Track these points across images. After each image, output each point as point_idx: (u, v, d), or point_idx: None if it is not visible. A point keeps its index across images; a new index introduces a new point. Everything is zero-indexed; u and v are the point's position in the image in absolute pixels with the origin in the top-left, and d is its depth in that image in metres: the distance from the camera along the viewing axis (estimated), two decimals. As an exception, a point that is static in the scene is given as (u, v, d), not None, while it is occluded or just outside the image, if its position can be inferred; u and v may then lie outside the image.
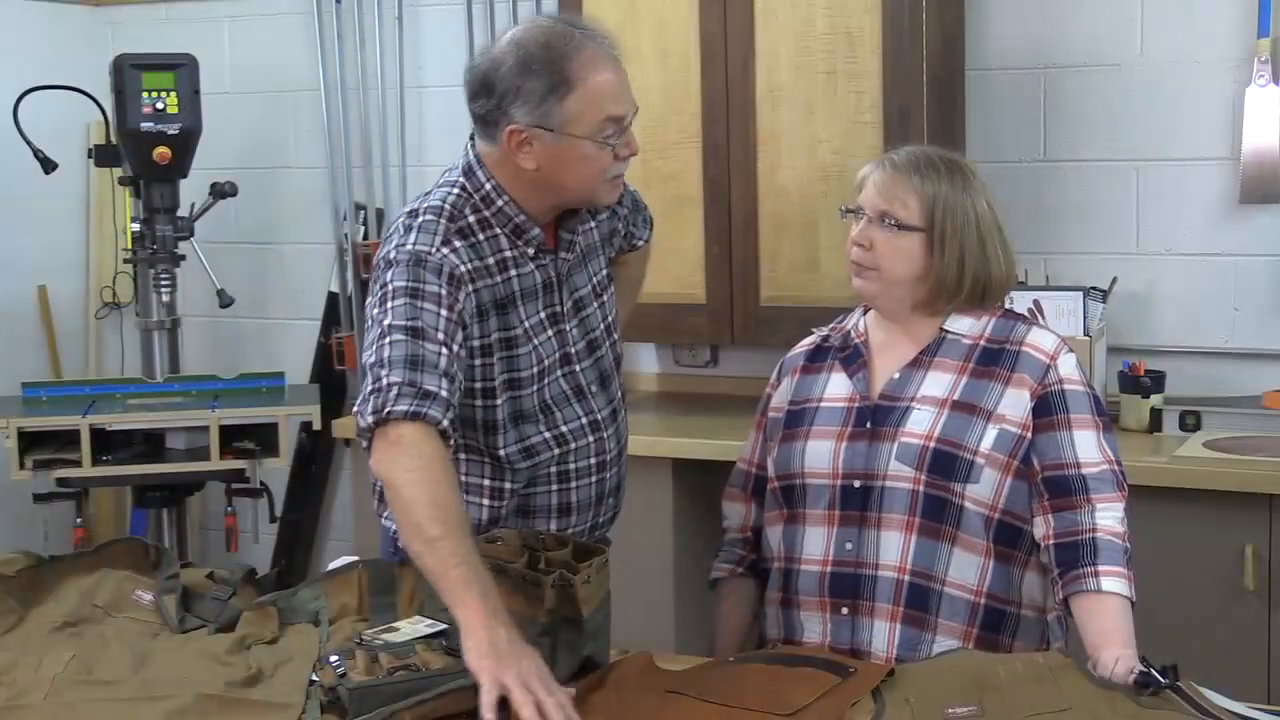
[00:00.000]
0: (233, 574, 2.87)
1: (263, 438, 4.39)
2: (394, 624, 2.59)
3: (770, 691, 2.40)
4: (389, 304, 2.62)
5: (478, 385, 2.74)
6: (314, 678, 2.43)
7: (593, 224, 2.98)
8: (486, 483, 2.82)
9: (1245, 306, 4.23)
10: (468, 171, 2.78)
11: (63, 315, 5.45)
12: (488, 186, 2.75)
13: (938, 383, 2.69)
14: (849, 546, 2.66)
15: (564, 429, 2.84)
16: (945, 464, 2.62)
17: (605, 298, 2.98)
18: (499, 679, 2.21)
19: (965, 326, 2.73)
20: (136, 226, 4.78)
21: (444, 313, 2.62)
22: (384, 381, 2.53)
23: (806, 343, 2.93)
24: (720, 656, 2.87)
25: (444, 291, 2.63)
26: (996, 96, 4.40)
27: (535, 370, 2.80)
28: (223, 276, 4.83)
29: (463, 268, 2.68)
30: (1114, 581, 2.52)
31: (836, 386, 2.78)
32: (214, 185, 4.81)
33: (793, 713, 2.30)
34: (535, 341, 2.80)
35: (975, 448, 2.62)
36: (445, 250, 2.68)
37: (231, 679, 2.42)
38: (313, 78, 5.25)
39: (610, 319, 2.99)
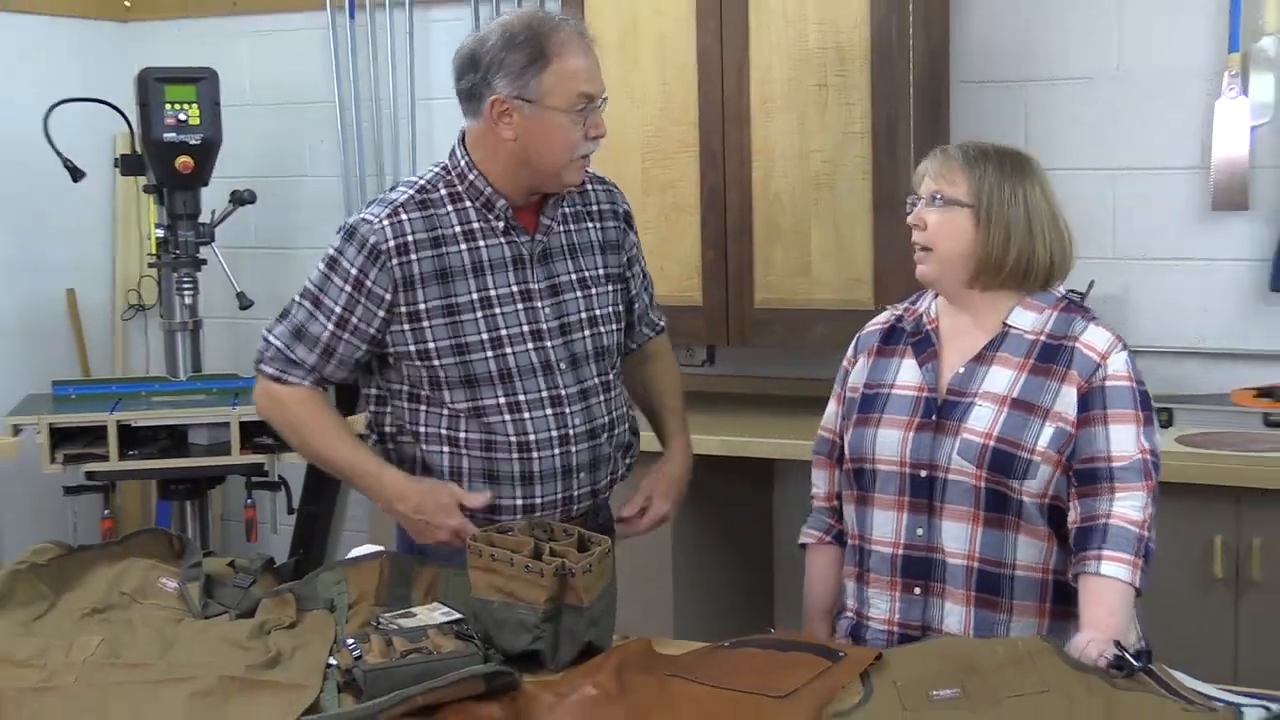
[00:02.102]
0: (252, 563, 2.88)
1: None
2: (410, 609, 2.60)
3: (763, 675, 2.40)
4: (317, 266, 2.89)
5: (413, 348, 2.85)
6: (331, 660, 2.45)
7: (593, 225, 3.04)
8: (444, 432, 2.89)
9: (1215, 309, 4.23)
10: (450, 152, 2.93)
11: (90, 317, 5.46)
12: (463, 163, 2.89)
13: (999, 379, 2.68)
14: (920, 532, 2.68)
15: (521, 398, 2.87)
16: (1004, 463, 2.62)
17: (594, 291, 3.00)
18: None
19: (1028, 322, 2.71)
20: (160, 232, 4.79)
21: (347, 290, 2.82)
22: (270, 337, 2.92)
23: (881, 320, 2.93)
24: (811, 617, 2.96)
25: (356, 268, 2.82)
26: (980, 108, 4.40)
27: (486, 336, 2.85)
28: (242, 280, 4.84)
29: (392, 241, 2.81)
30: (1114, 566, 2.51)
31: (907, 375, 2.78)
32: (234, 193, 4.82)
33: (785, 695, 2.31)
34: (497, 310, 2.86)
35: (1033, 446, 2.61)
36: (388, 221, 2.83)
37: (252, 662, 2.44)
38: (327, 90, 5.25)
39: (598, 313, 3.00)
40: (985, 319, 2.74)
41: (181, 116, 4.66)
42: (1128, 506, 2.55)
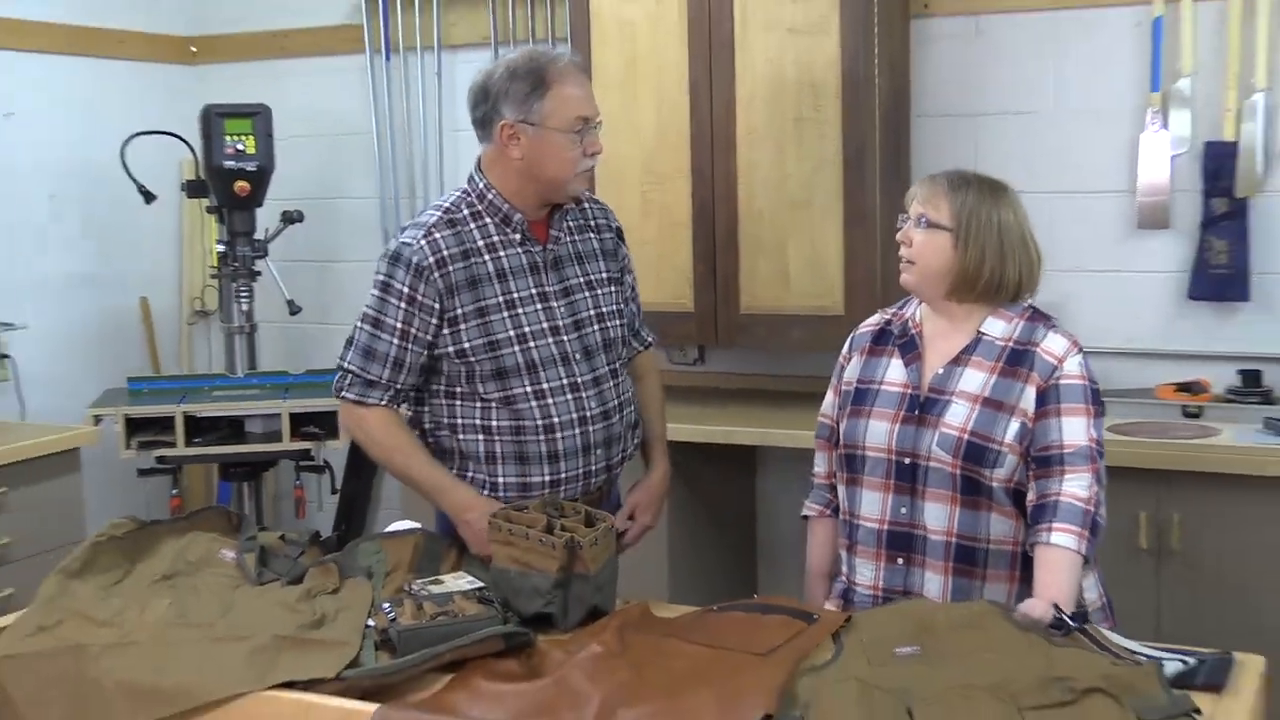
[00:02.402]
0: (301, 536, 2.89)
1: (325, 423, 4.40)
2: (439, 578, 2.61)
3: (747, 635, 2.41)
4: (372, 292, 2.91)
5: (452, 349, 2.88)
6: (369, 622, 2.46)
7: (594, 235, 3.09)
8: (478, 422, 2.92)
9: (1141, 315, 4.23)
10: (469, 178, 2.98)
11: (160, 322, 5.46)
12: (480, 185, 2.94)
13: (973, 380, 2.69)
14: (903, 511, 2.69)
15: (545, 386, 2.90)
16: (977, 453, 2.63)
17: (600, 291, 3.04)
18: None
19: (998, 330, 2.73)
20: (221, 248, 4.79)
21: (402, 306, 2.85)
22: (345, 363, 2.92)
23: (872, 322, 2.93)
24: (811, 579, 2.98)
25: (406, 285, 2.84)
26: (936, 139, 4.40)
27: (513, 333, 2.89)
28: (292, 289, 4.83)
29: (432, 258, 2.85)
30: (1063, 536, 2.53)
31: (894, 373, 2.78)
32: (284, 213, 4.82)
33: (765, 652, 2.32)
34: (520, 311, 2.91)
35: (1001, 440, 2.63)
36: (424, 241, 2.87)
37: (301, 623, 2.44)
38: (365, 123, 5.25)
39: (604, 309, 3.04)
40: (962, 325, 2.76)
41: (239, 146, 4.66)
42: (1076, 486, 2.57)
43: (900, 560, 2.69)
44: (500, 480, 2.92)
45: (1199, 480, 3.62)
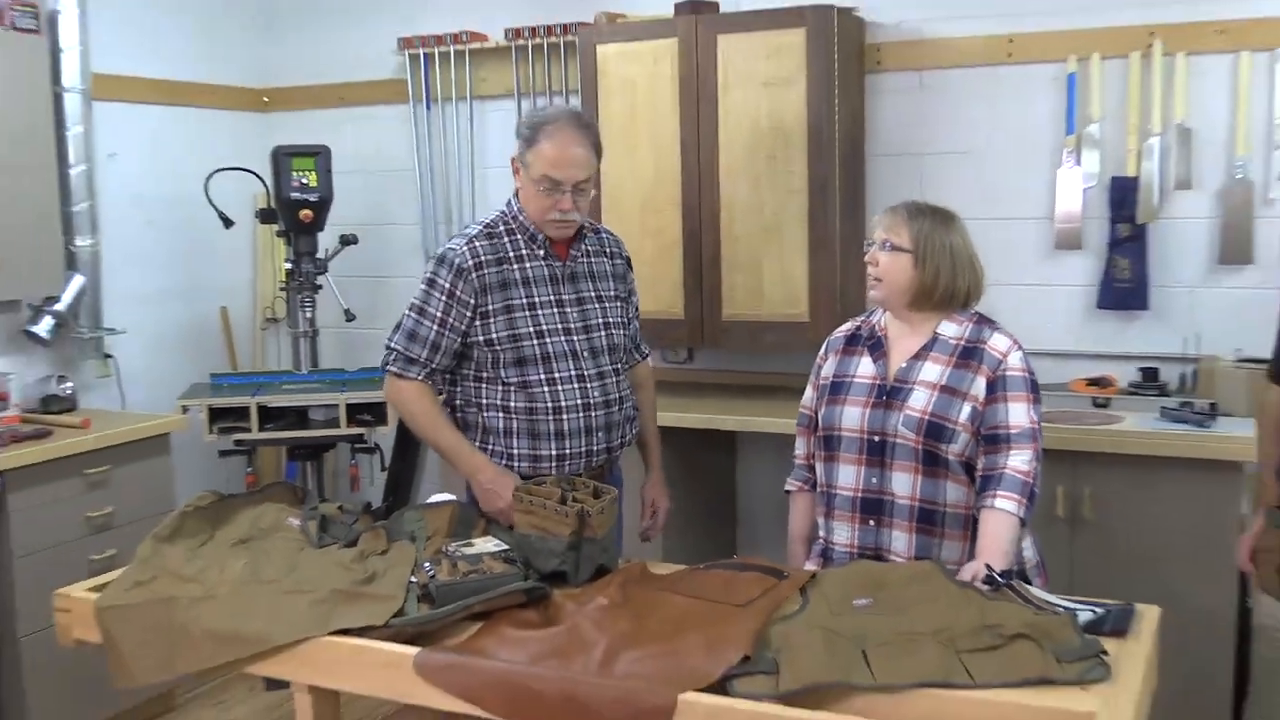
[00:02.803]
0: (355, 507, 2.90)
1: (376, 412, 4.40)
2: (471, 542, 2.61)
3: (728, 589, 2.42)
4: (420, 287, 2.94)
5: (482, 338, 2.92)
6: (412, 578, 2.46)
7: (607, 260, 3.12)
8: (499, 402, 2.94)
9: (1058, 321, 4.23)
10: (508, 202, 3.04)
11: (237, 327, 5.45)
12: (514, 208, 3.00)
13: (932, 371, 2.71)
14: (874, 480, 2.69)
15: (555, 375, 2.93)
16: (936, 431, 2.64)
17: (607, 305, 3.07)
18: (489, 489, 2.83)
19: (952, 331, 2.75)
20: (288, 265, 4.79)
21: (444, 299, 2.89)
22: (391, 343, 2.96)
23: (845, 328, 2.94)
24: (793, 543, 2.99)
25: (449, 283, 2.89)
26: (887, 175, 4.40)
27: (533, 330, 2.93)
28: (348, 299, 4.83)
29: (471, 260, 2.89)
30: (1006, 502, 2.56)
31: (865, 368, 2.79)
32: (342, 236, 4.82)
33: (743, 604, 2.32)
34: (539, 312, 2.95)
35: (956, 419, 2.65)
36: (466, 249, 2.91)
37: (354, 579, 2.45)
38: (409, 161, 5.24)
39: (610, 321, 3.06)
40: (920, 329, 2.78)
41: (304, 181, 4.66)
42: (1019, 460, 2.60)
43: (872, 522, 2.70)
44: (515, 452, 2.93)
45: (1106, 460, 3.62)
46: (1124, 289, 4.10)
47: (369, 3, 5.29)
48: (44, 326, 4.48)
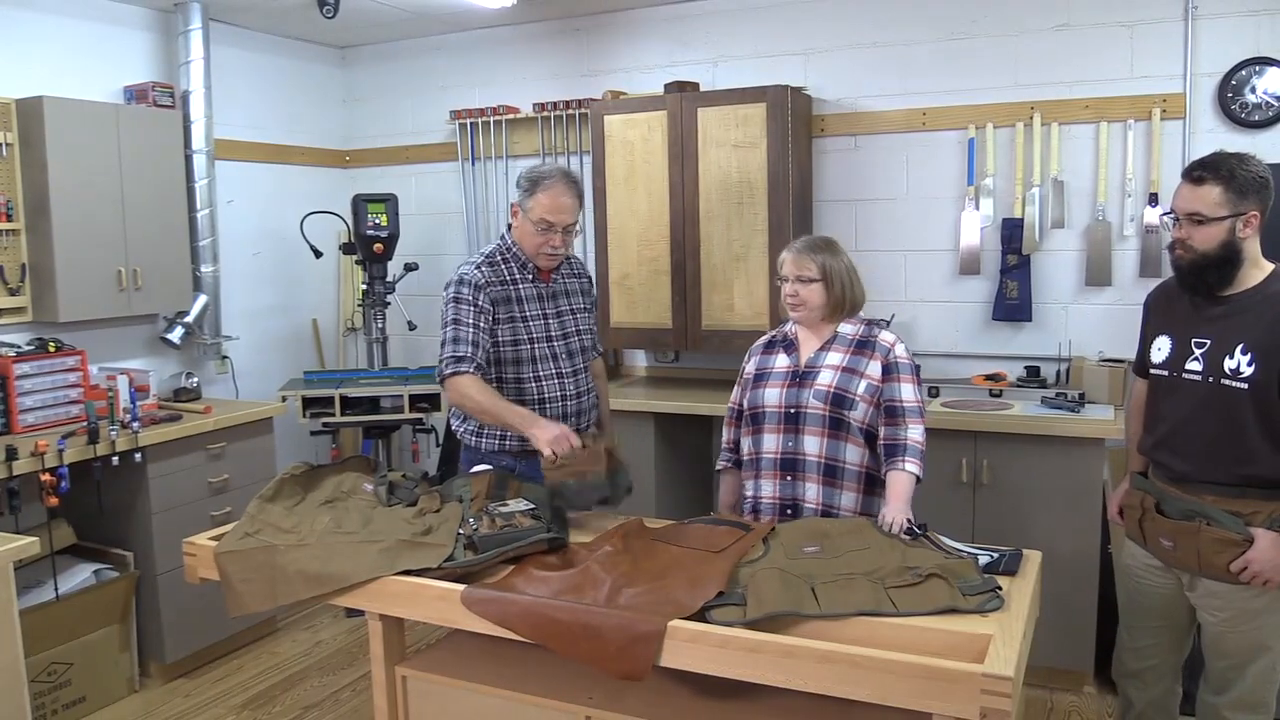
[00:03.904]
0: (416, 475, 2.87)
1: (433, 401, 4.38)
2: (505, 501, 2.59)
3: (707, 539, 2.40)
4: (448, 304, 2.88)
5: (494, 341, 2.89)
6: (460, 531, 2.43)
7: (577, 281, 3.10)
8: (500, 388, 2.89)
9: (962, 330, 4.22)
10: (502, 236, 3.00)
11: (325, 334, 5.44)
12: (509, 241, 2.96)
13: (835, 357, 2.69)
14: (790, 444, 2.66)
15: (541, 373, 2.92)
16: (839, 400, 2.62)
17: (579, 315, 3.05)
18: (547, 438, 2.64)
19: (849, 330, 2.73)
20: (364, 287, 4.76)
21: (471, 308, 2.85)
22: (441, 356, 2.83)
23: (763, 339, 2.91)
24: (722, 509, 2.94)
25: (471, 296, 2.86)
26: (830, 216, 4.39)
27: (527, 337, 2.91)
28: (410, 312, 4.83)
29: (484, 279, 2.87)
30: (910, 465, 2.56)
31: (781, 361, 2.77)
32: (406, 264, 4.80)
33: (719, 550, 2.31)
34: (531, 323, 2.93)
35: (855, 392, 2.62)
36: (477, 272, 2.89)
37: (415, 531, 2.43)
38: (458, 205, 5.22)
39: (580, 329, 3.04)
40: (824, 332, 2.76)
41: (377, 221, 4.63)
42: (915, 433, 2.60)
43: (789, 477, 2.66)
44: (510, 434, 2.89)
45: (1000, 438, 3.60)
46: (1013, 305, 4.09)
47: (427, 83, 5.27)
48: (176, 334, 4.48)
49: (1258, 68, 3.68)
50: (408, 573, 2.28)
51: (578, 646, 2.01)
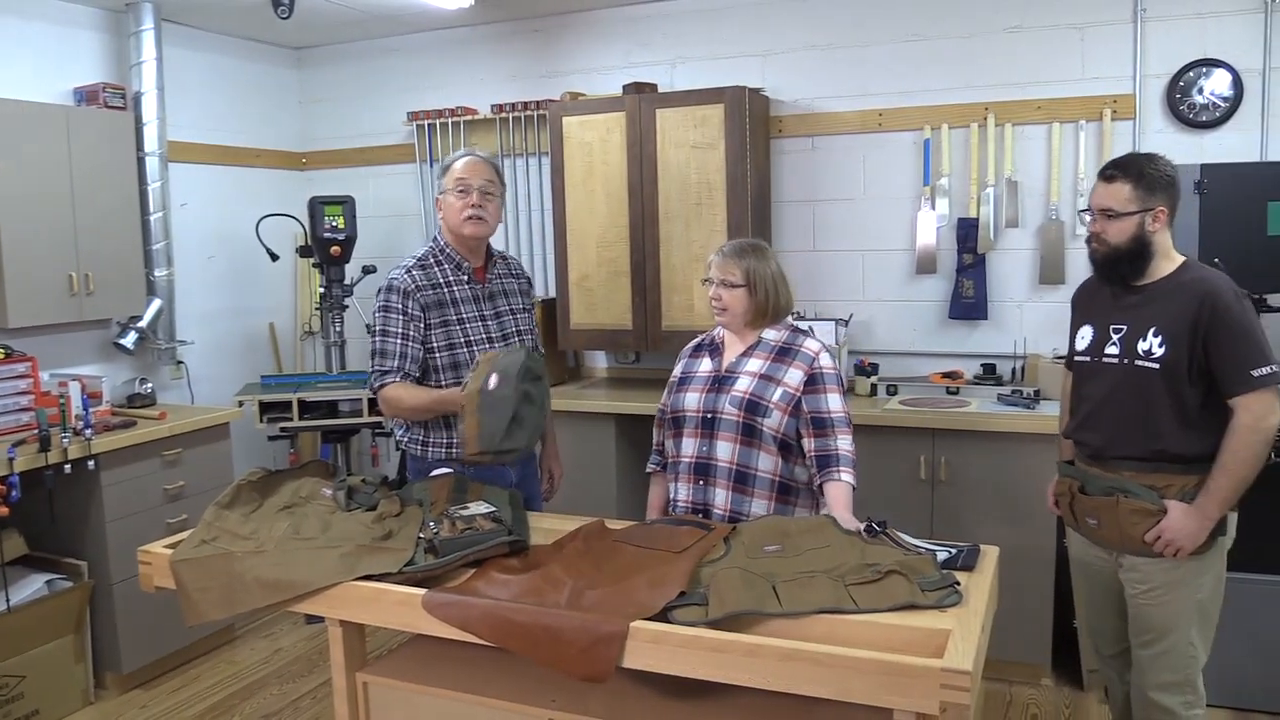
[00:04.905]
0: (375, 479, 2.84)
1: (392, 404, 4.35)
2: (466, 505, 2.57)
3: (668, 539, 2.39)
4: (376, 314, 2.85)
5: (425, 346, 2.85)
6: (420, 535, 2.42)
7: (515, 281, 3.06)
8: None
9: (919, 328, 4.26)
10: (434, 238, 2.96)
11: (282, 338, 5.38)
12: (441, 242, 2.93)
13: (755, 364, 2.68)
14: (704, 449, 2.65)
15: None
16: (754, 407, 2.61)
17: (518, 316, 3.01)
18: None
19: (772, 336, 2.72)
20: (321, 290, 4.72)
21: (400, 316, 2.81)
22: (372, 369, 2.83)
23: (693, 342, 2.90)
24: (650, 515, 2.90)
25: (400, 304, 2.82)
26: (788, 217, 4.41)
27: (463, 340, 2.86)
28: (368, 315, 4.75)
29: (413, 285, 2.83)
30: (846, 475, 2.55)
31: (705, 365, 2.76)
32: (364, 267, 4.76)
33: (680, 550, 2.30)
34: (467, 325, 2.88)
35: (771, 399, 2.61)
36: (406, 276, 2.84)
37: (374, 536, 2.40)
38: (417, 207, 5.19)
39: (520, 329, 3.00)
40: (749, 336, 2.75)
41: (334, 224, 4.59)
42: (845, 443, 2.60)
43: (701, 482, 2.66)
44: (455, 440, 2.87)
45: (957, 435, 3.64)
46: (968, 303, 4.13)
47: (385, 84, 5.23)
48: (129, 339, 4.41)
49: (1205, 69, 3.75)
50: (368, 578, 2.25)
51: (540, 649, 2.00)
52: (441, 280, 2.88)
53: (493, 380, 2.55)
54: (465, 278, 2.91)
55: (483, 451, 2.58)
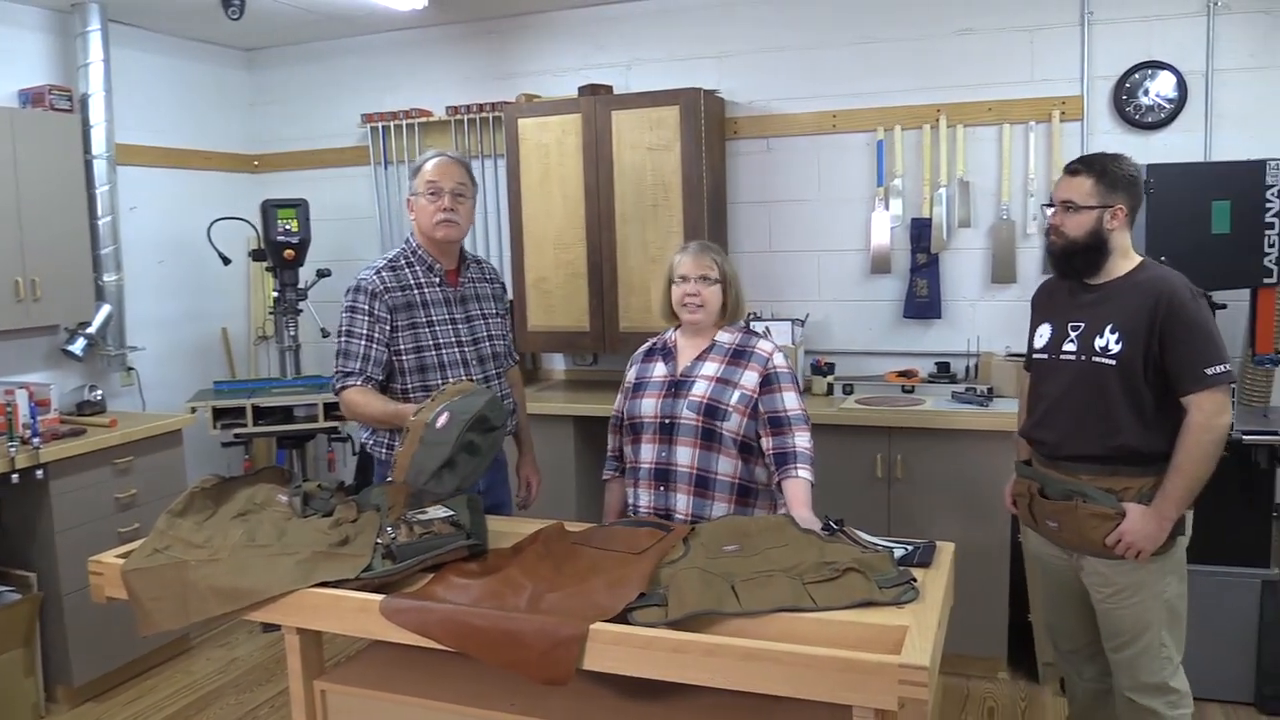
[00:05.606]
0: (331, 485, 2.80)
1: (349, 409, 4.31)
2: (424, 510, 2.55)
3: (628, 541, 2.39)
4: (343, 314, 2.82)
5: (391, 349, 2.82)
6: (378, 540, 2.39)
7: (488, 285, 3.03)
8: (407, 398, 2.83)
9: (874, 327, 4.29)
10: (406, 240, 2.93)
11: (235, 343, 5.31)
12: (413, 244, 2.90)
13: (710, 368, 2.69)
14: (664, 454, 2.66)
15: (449, 377, 2.85)
16: (712, 411, 2.62)
17: (490, 320, 2.98)
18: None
19: (726, 339, 2.73)
20: (275, 294, 4.67)
21: (365, 318, 2.78)
22: (335, 370, 2.81)
23: (644, 347, 2.90)
24: (607, 515, 2.90)
25: (366, 305, 2.79)
26: (744, 218, 4.43)
27: (432, 343, 2.84)
28: (323, 319, 4.73)
29: (381, 286, 2.80)
30: (805, 472, 2.56)
31: (659, 370, 2.76)
32: (318, 270, 4.70)
33: (640, 551, 2.30)
34: (437, 328, 2.85)
35: (729, 403, 2.62)
36: (376, 277, 2.81)
37: (331, 542, 2.37)
38: (371, 210, 5.15)
39: (493, 334, 2.97)
40: (703, 339, 2.76)
41: (288, 227, 4.54)
42: (802, 440, 2.61)
43: (662, 487, 2.66)
44: None
45: (913, 433, 3.67)
46: (922, 302, 4.17)
47: (338, 86, 5.18)
48: (78, 345, 4.34)
49: (1150, 71, 3.82)
50: (325, 584, 2.23)
51: (499, 653, 1.99)
52: (412, 282, 2.85)
53: (441, 419, 2.47)
54: (437, 280, 2.88)
55: (405, 483, 2.54)
